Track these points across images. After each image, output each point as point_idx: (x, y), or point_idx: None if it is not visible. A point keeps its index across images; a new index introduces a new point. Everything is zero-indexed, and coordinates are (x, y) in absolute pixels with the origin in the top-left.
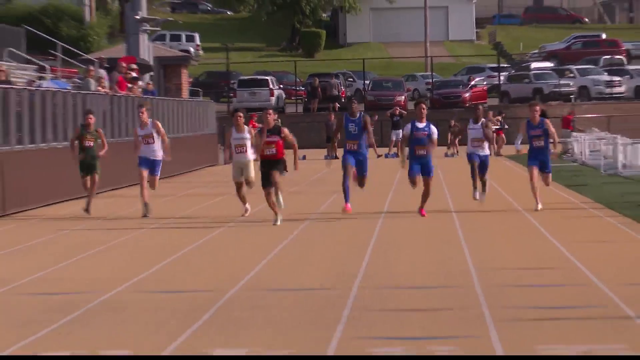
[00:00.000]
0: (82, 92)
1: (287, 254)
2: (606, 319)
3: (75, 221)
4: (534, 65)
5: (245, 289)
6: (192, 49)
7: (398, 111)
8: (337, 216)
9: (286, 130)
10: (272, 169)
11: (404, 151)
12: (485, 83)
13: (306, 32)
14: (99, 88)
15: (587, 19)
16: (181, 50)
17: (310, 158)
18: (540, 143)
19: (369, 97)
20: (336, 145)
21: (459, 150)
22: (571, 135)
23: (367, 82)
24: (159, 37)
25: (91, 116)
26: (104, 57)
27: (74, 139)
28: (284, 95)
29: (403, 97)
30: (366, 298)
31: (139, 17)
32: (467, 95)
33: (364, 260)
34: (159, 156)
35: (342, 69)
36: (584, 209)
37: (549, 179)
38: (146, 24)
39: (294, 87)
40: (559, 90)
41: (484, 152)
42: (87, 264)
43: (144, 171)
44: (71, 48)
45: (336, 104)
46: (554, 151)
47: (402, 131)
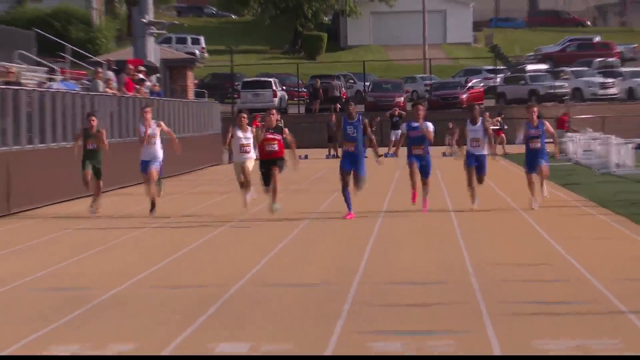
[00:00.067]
0: (91, 93)
1: (288, 251)
2: (600, 314)
3: (82, 220)
4: (530, 67)
5: (248, 285)
6: (197, 52)
7: (397, 112)
8: (338, 215)
9: (287, 131)
10: (273, 166)
11: (399, 147)
12: (482, 85)
13: (308, 35)
14: (107, 89)
15: (589, 22)
16: (187, 53)
17: (311, 157)
18: (537, 145)
19: (369, 98)
20: (337, 145)
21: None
22: (565, 135)
23: (368, 83)
24: (165, 40)
25: (93, 118)
26: (111, 60)
27: (77, 141)
28: (286, 97)
29: (402, 99)
30: (366, 293)
31: (146, 20)
32: (464, 96)
33: (363, 258)
34: (160, 155)
35: (343, 71)
36: (578, 207)
37: (546, 170)
38: (153, 27)
39: (296, 88)
40: (554, 91)
41: (481, 152)
42: (93, 261)
43: (147, 175)
44: (80, 50)
45: (337, 105)
46: (555, 150)
47: (400, 131)
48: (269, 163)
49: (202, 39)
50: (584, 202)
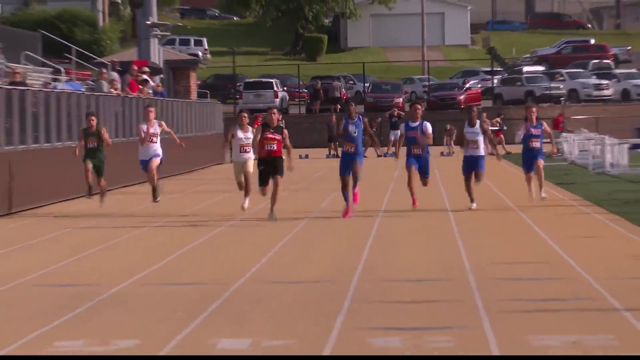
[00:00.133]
0: (95, 93)
1: (288, 250)
2: (594, 310)
3: (84, 218)
4: (526, 69)
5: (248, 283)
6: (200, 53)
7: (396, 112)
8: (337, 214)
9: (286, 133)
10: (273, 169)
11: (400, 147)
12: (479, 86)
13: (309, 37)
14: (111, 90)
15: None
16: (190, 54)
17: (312, 157)
18: (536, 144)
19: (368, 99)
20: (337, 144)
21: (454, 150)
22: (561, 135)
23: (367, 84)
24: (168, 41)
25: (93, 118)
26: (116, 61)
27: (80, 142)
28: (287, 97)
29: (401, 99)
30: (365, 290)
31: (149, 22)
32: (462, 97)
33: (363, 256)
34: (160, 153)
35: (343, 72)
36: (573, 206)
37: (540, 164)
38: (157, 29)
39: (297, 89)
40: (549, 92)
41: (478, 153)
42: (94, 259)
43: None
44: (85, 52)
45: (337, 105)
46: (552, 150)
47: (399, 131)
48: (268, 161)
49: (204, 40)
50: (579, 201)
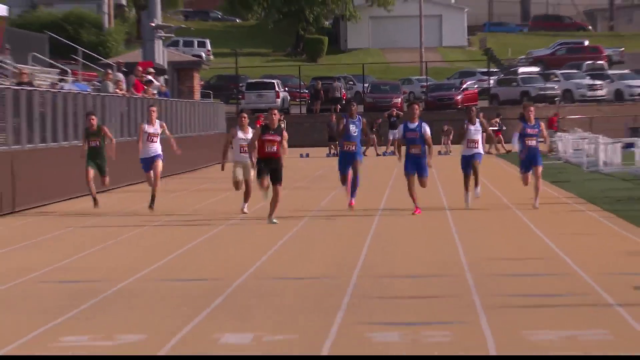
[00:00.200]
0: (101, 94)
1: (289, 247)
2: (588, 305)
3: (87, 217)
4: (522, 69)
5: (250, 279)
6: (203, 54)
7: (395, 112)
8: (337, 213)
9: (286, 135)
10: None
11: (401, 149)
12: (476, 86)
13: (310, 39)
14: (117, 90)
15: (590, 27)
16: (193, 55)
17: (312, 156)
18: (533, 142)
19: (368, 99)
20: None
21: (451, 149)
22: (555, 135)
23: (367, 85)
24: (172, 43)
25: (93, 117)
26: (121, 62)
27: (84, 142)
28: (288, 97)
29: (399, 99)
30: (365, 287)
31: (154, 24)
32: (459, 97)
33: (362, 253)
34: (159, 150)
35: (343, 72)
36: (567, 204)
37: (539, 171)
38: (161, 30)
39: (298, 89)
40: (544, 93)
41: (477, 151)
42: (98, 256)
43: (150, 172)
44: (91, 53)
45: (337, 105)
46: (547, 148)
47: (397, 131)
48: (267, 162)
49: (208, 42)
50: (574, 199)
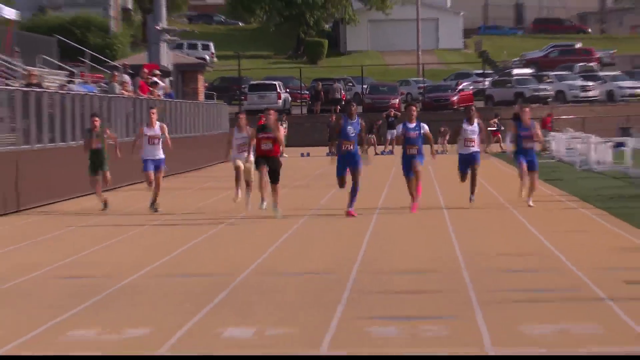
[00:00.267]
0: (108, 95)
1: (289, 244)
2: (580, 300)
3: (90, 216)
4: (516, 71)
5: (252, 275)
6: (207, 57)
7: (393, 113)
8: (337, 212)
9: (282, 129)
10: (271, 170)
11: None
12: (471, 87)
13: (310, 42)
14: (123, 91)
15: (590, 29)
16: (197, 58)
17: (312, 155)
18: (530, 144)
19: (366, 100)
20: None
21: (448, 148)
22: (549, 135)
23: (365, 86)
24: (177, 45)
25: (96, 119)
26: (127, 64)
27: (86, 143)
28: (290, 99)
29: (397, 100)
30: (364, 282)
31: (159, 27)
32: (455, 98)
33: (361, 250)
34: (161, 155)
35: (342, 74)
36: (561, 202)
37: (536, 177)
38: (166, 33)
39: (299, 91)
40: (538, 94)
41: (474, 150)
42: (103, 253)
43: (151, 172)
44: (98, 55)
45: (337, 106)
46: (540, 147)
47: (396, 131)
48: (265, 159)
49: (211, 44)
50: (567, 196)
